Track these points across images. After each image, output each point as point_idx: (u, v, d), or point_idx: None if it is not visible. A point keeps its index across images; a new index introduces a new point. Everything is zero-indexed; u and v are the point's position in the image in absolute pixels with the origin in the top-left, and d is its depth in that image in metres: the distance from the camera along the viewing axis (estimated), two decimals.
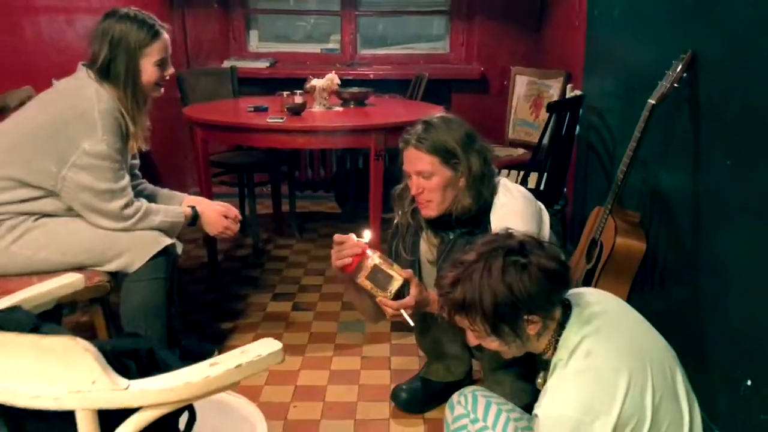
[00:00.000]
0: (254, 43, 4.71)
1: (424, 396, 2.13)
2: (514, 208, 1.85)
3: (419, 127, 1.88)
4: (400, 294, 1.71)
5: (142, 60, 1.93)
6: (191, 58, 4.39)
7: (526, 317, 1.31)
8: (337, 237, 1.75)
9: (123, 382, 1.04)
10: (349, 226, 3.88)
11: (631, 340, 1.34)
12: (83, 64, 1.96)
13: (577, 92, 3.25)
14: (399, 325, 2.56)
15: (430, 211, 1.85)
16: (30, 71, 2.61)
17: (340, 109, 3.21)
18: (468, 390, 1.66)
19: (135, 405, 1.05)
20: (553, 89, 3.72)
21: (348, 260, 1.69)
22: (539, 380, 1.42)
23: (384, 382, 2.28)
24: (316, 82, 3.19)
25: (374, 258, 1.71)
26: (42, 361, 1.03)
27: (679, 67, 2.08)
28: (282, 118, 2.82)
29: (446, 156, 1.82)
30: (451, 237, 1.91)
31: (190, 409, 1.17)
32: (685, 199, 2.16)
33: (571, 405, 1.23)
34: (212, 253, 3.13)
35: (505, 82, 4.24)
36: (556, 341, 1.33)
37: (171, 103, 3.45)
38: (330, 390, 2.25)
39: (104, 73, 1.91)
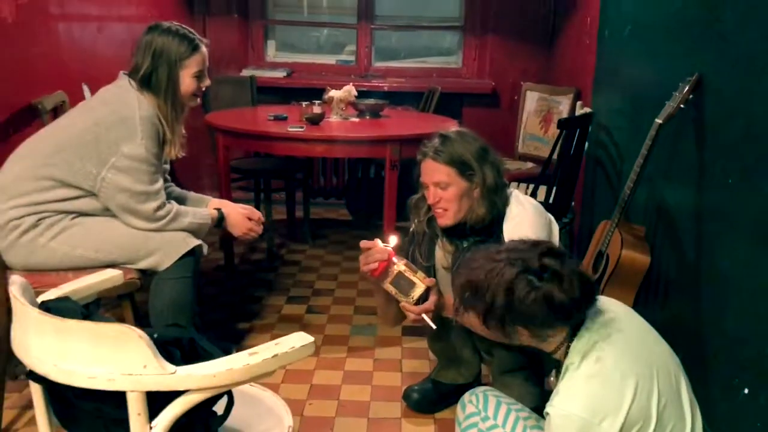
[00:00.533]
0: (271, 52, 4.83)
1: (434, 397, 2.23)
2: (525, 219, 1.95)
3: (436, 140, 1.98)
4: (421, 300, 1.81)
5: (181, 72, 2.05)
6: (211, 67, 4.47)
7: (516, 327, 1.40)
8: (363, 243, 1.84)
9: (171, 367, 1.15)
10: (360, 233, 4.02)
11: (639, 346, 1.43)
12: (124, 73, 2.08)
13: (587, 109, 3.36)
14: (410, 330, 2.68)
15: (446, 219, 1.95)
16: (63, 77, 2.73)
17: (357, 119, 3.31)
18: (479, 390, 1.75)
19: (181, 388, 1.15)
20: (563, 105, 3.82)
21: (374, 265, 1.78)
22: (551, 378, 1.50)
23: (396, 384, 2.38)
24: (334, 93, 3.30)
25: (399, 265, 1.80)
26: (98, 346, 1.13)
27: (686, 88, 2.18)
28: (302, 128, 2.93)
29: (462, 167, 1.92)
30: (465, 245, 2.01)
31: (229, 394, 1.27)
32: (689, 215, 2.26)
33: (580, 406, 1.32)
34: (229, 256, 3.24)
35: (516, 98, 4.35)
36: (568, 345, 1.42)
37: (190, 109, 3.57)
38: (344, 389, 2.34)
39: (146, 82, 2.03)
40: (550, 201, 2.94)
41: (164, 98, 2.03)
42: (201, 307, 2.71)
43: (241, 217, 2.26)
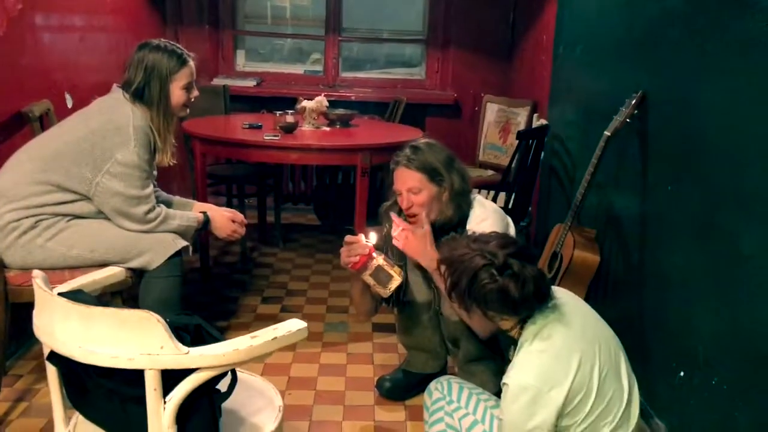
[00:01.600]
0: (241, 62, 4.98)
1: (405, 385, 2.41)
2: (487, 221, 2.15)
3: (408, 150, 2.17)
4: (397, 291, 2.02)
5: (172, 85, 2.20)
6: None
7: (473, 305, 1.61)
8: (348, 238, 2.04)
9: (184, 348, 1.31)
10: (328, 237, 4.20)
11: (584, 328, 1.64)
12: (118, 86, 2.22)
13: (543, 121, 3.60)
14: (381, 326, 2.88)
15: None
16: (47, 86, 2.84)
17: (328, 129, 3.49)
18: (444, 378, 1.94)
19: (194, 366, 1.31)
20: (521, 117, 4.07)
21: (356, 259, 1.97)
22: (511, 353, 1.70)
23: (368, 375, 2.56)
24: (306, 104, 3.47)
25: (379, 259, 2.00)
26: (120, 330, 1.29)
27: (631, 104, 2.42)
28: (277, 136, 3.09)
29: (432, 174, 2.12)
30: None
31: (233, 373, 1.44)
32: (634, 219, 2.50)
33: (533, 376, 1.53)
34: (204, 259, 3.37)
35: (477, 109, 4.58)
36: (522, 326, 1.62)
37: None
38: (320, 381, 2.51)
39: (138, 95, 2.17)
40: (509, 206, 3.16)
41: (156, 110, 2.18)
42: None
43: (226, 219, 2.42)
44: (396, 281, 2.00)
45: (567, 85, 3.43)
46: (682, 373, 2.09)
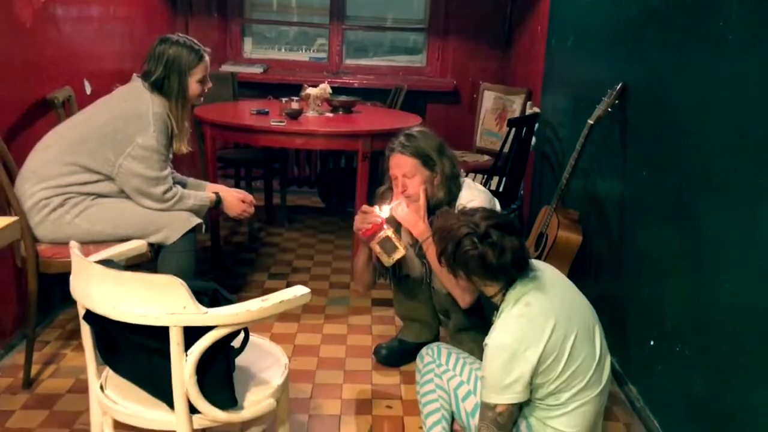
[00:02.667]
0: (248, 48, 5.16)
1: (400, 353, 2.62)
2: (474, 201, 2.33)
3: (402, 138, 2.36)
4: (399, 264, 2.28)
5: (189, 78, 2.39)
6: None
7: (458, 270, 1.81)
8: (364, 207, 2.29)
9: (203, 308, 1.51)
10: (331, 218, 4.40)
11: (561, 297, 1.84)
12: (138, 76, 2.42)
13: (536, 109, 3.78)
14: (379, 300, 3.09)
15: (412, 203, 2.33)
16: (68, 73, 3.03)
17: (331, 115, 3.68)
18: (435, 344, 2.14)
19: (212, 324, 1.52)
20: (516, 104, 4.25)
21: (368, 226, 2.19)
22: (494, 318, 1.90)
23: (366, 344, 2.77)
24: (311, 91, 3.66)
25: (388, 231, 2.22)
26: (148, 292, 1.49)
27: (613, 94, 2.60)
28: (283, 122, 3.29)
29: (425, 159, 2.31)
30: None
31: (246, 331, 1.65)
32: (614, 202, 2.69)
33: (511, 337, 1.73)
34: (215, 239, 3.57)
35: (475, 96, 4.76)
36: (504, 293, 1.82)
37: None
38: (322, 348, 2.72)
39: (157, 86, 2.37)
40: (501, 189, 3.36)
41: (175, 101, 2.38)
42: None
43: (236, 200, 2.62)
44: (400, 253, 2.21)
45: (558, 75, 3.61)
46: (652, 342, 2.29)
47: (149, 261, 2.39)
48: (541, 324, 1.76)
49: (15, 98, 2.60)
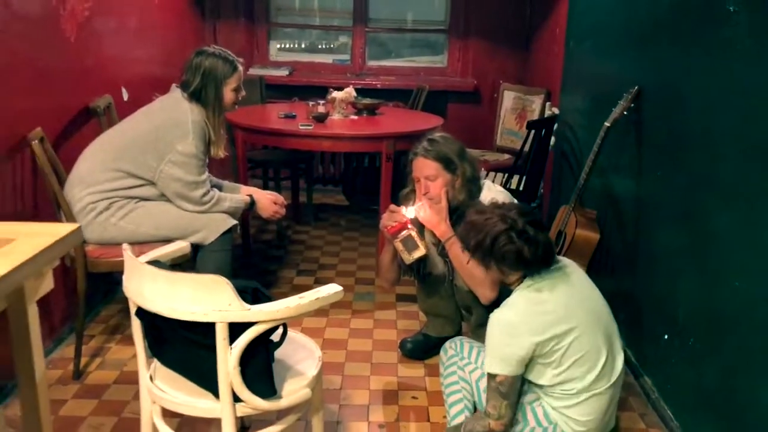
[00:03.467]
0: (274, 52, 5.31)
1: (424, 346, 2.75)
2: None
3: (425, 143, 2.48)
4: (419, 262, 2.40)
5: (224, 88, 2.54)
6: None
7: (491, 263, 1.93)
8: (392, 207, 2.44)
9: (246, 305, 1.65)
10: (355, 216, 4.53)
11: (574, 291, 1.95)
12: (177, 86, 2.57)
13: (555, 110, 3.88)
14: (404, 296, 3.21)
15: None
16: (107, 82, 3.19)
17: (356, 117, 3.81)
18: (458, 338, 2.27)
19: (254, 320, 1.66)
20: (536, 104, 4.35)
21: (393, 224, 2.33)
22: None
23: (392, 338, 2.90)
24: (336, 94, 3.79)
25: (412, 231, 2.35)
26: (197, 290, 1.64)
27: (628, 98, 2.70)
28: (310, 125, 3.42)
29: (447, 163, 2.43)
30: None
31: (284, 326, 1.79)
32: (630, 201, 2.79)
33: (514, 315, 1.87)
34: (245, 237, 3.73)
35: (495, 95, 4.86)
36: (523, 279, 1.95)
37: None
38: (350, 342, 2.86)
39: (196, 96, 2.52)
40: (521, 188, 3.47)
41: (212, 109, 2.53)
42: None
43: (269, 201, 2.77)
44: (420, 251, 2.34)
45: (576, 77, 3.71)
46: (666, 336, 2.40)
47: (188, 260, 2.54)
48: (546, 311, 1.89)
49: (61, 107, 2.77)
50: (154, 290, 1.68)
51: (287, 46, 5.42)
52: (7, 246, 1.37)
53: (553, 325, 1.86)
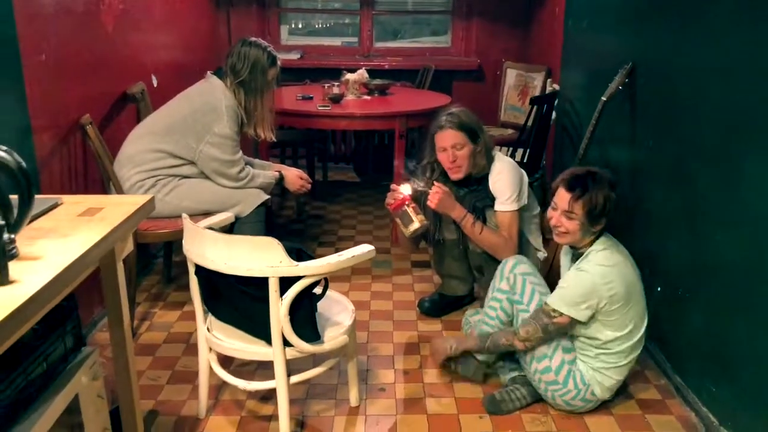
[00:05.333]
0: (284, 36, 5.53)
1: (440, 305, 3.03)
2: (504, 174, 2.72)
3: (447, 116, 2.73)
4: (417, 233, 2.65)
5: (267, 77, 2.80)
6: None
7: (599, 220, 2.22)
8: (393, 185, 2.68)
9: (294, 262, 1.92)
10: (368, 192, 4.79)
11: (629, 260, 2.28)
12: (211, 73, 2.83)
13: (555, 86, 4.12)
14: (419, 263, 3.48)
15: (460, 173, 2.72)
16: (140, 70, 3.44)
17: (368, 97, 4.06)
18: (518, 274, 2.39)
19: (301, 274, 1.93)
20: (537, 81, 4.59)
21: (392, 201, 2.59)
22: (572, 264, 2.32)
23: (410, 299, 3.18)
24: (349, 76, 4.04)
25: (408, 207, 2.60)
26: (253, 250, 1.91)
27: (623, 73, 2.95)
28: (328, 106, 3.68)
29: (470, 133, 2.69)
30: (461, 193, 2.79)
31: (326, 281, 2.06)
32: (626, 169, 3.05)
33: (599, 270, 2.17)
34: (268, 212, 3.97)
35: (498, 73, 5.09)
36: (594, 241, 2.24)
37: None
38: (372, 303, 3.14)
39: (242, 84, 2.77)
40: (525, 160, 3.72)
41: (253, 96, 2.79)
42: None
43: (296, 177, 3.04)
44: (414, 225, 2.59)
45: (575, 54, 3.95)
46: (659, 289, 2.67)
47: (227, 231, 2.81)
48: (622, 271, 2.21)
49: (103, 94, 3.02)
50: (215, 251, 1.95)
51: (300, 26, 5.66)
52: (99, 213, 1.64)
53: (626, 280, 2.17)
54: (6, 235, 1.24)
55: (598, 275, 2.17)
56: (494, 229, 2.70)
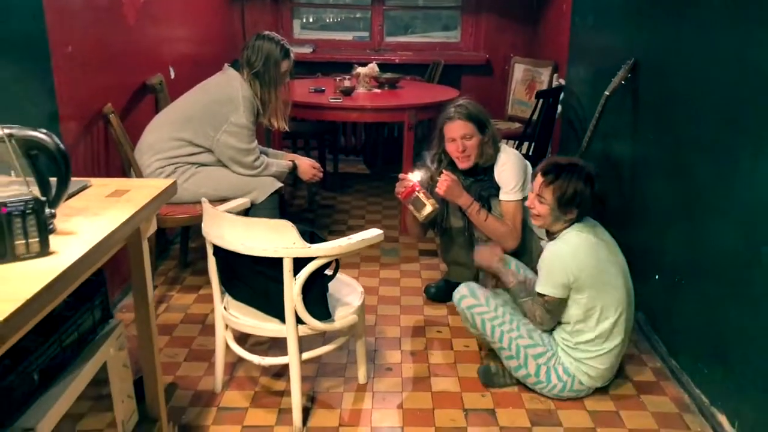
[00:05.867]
0: (297, 30, 5.65)
1: (446, 290, 3.13)
2: (509, 165, 2.83)
3: (456, 108, 2.83)
4: (431, 218, 2.75)
5: (280, 69, 2.92)
6: None
7: (569, 209, 2.30)
8: (401, 175, 2.78)
9: (307, 244, 2.04)
10: (377, 183, 4.90)
11: (608, 245, 2.37)
12: (229, 65, 2.94)
13: (561, 81, 4.22)
14: (425, 251, 3.59)
15: (468, 163, 2.82)
16: (158, 62, 3.57)
17: (378, 90, 4.17)
18: (466, 291, 2.54)
19: (313, 255, 2.05)
20: (544, 76, 4.68)
21: (402, 189, 2.69)
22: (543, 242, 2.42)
23: (417, 285, 3.29)
24: (360, 70, 4.15)
25: (419, 194, 2.71)
26: (268, 232, 2.02)
27: (626, 69, 3.04)
28: (340, 99, 3.79)
29: (479, 123, 2.80)
30: (468, 183, 2.90)
31: (337, 262, 2.18)
32: (627, 161, 3.15)
33: (567, 249, 2.28)
34: (281, 202, 4.10)
35: (506, 68, 5.19)
36: (567, 227, 2.33)
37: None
38: (381, 289, 3.26)
39: (256, 75, 2.90)
40: (530, 154, 3.83)
41: (267, 88, 2.91)
42: None
43: (308, 166, 3.16)
44: (427, 209, 2.70)
45: (581, 50, 4.04)
46: (656, 277, 2.77)
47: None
48: (593, 254, 2.30)
49: (124, 84, 3.15)
50: (233, 233, 2.07)
51: (311, 20, 5.77)
52: (126, 195, 1.76)
53: (593, 267, 2.27)
54: (48, 210, 1.36)
55: (569, 253, 2.28)
56: (499, 217, 2.81)
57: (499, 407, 2.34)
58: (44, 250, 1.34)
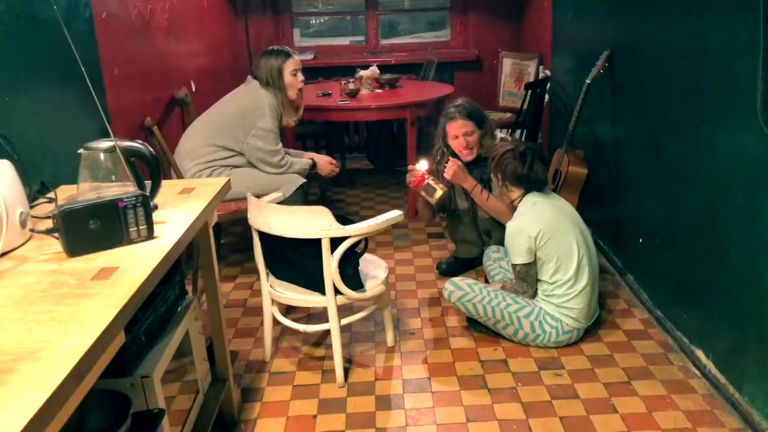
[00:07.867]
0: (296, 38, 6.01)
1: (455, 266, 3.53)
2: None
3: (456, 108, 3.22)
4: (441, 201, 3.12)
5: (284, 73, 3.29)
6: (252, 53, 5.71)
7: (498, 175, 2.73)
8: (410, 167, 3.14)
9: (341, 226, 2.42)
10: (382, 177, 5.27)
11: (560, 207, 2.74)
12: (253, 77, 3.32)
13: (547, 72, 4.60)
14: (435, 234, 3.97)
15: (471, 156, 3.21)
16: (181, 76, 3.93)
17: (380, 91, 4.54)
18: (456, 285, 2.94)
19: (347, 235, 2.42)
20: (531, 68, 5.06)
21: (413, 179, 3.08)
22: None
23: (429, 264, 3.67)
24: (363, 73, 4.52)
25: (429, 180, 3.10)
26: (308, 217, 2.40)
27: (603, 59, 3.43)
28: (346, 101, 4.17)
29: (478, 120, 3.19)
30: (470, 169, 3.27)
31: (366, 241, 2.56)
32: (608, 142, 3.54)
33: (521, 221, 2.67)
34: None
35: (495, 62, 5.57)
36: (523, 197, 2.73)
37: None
38: (397, 269, 3.64)
39: (267, 84, 3.27)
40: (523, 140, 4.21)
41: (278, 92, 3.29)
42: None
43: (326, 162, 3.54)
44: (439, 192, 3.10)
45: (563, 43, 4.42)
46: (640, 240, 3.16)
47: None
48: (540, 215, 2.69)
49: (157, 99, 3.52)
50: (278, 220, 2.44)
51: (308, 27, 6.13)
52: (194, 191, 2.13)
53: (544, 223, 2.65)
54: (152, 202, 1.74)
55: (523, 223, 2.69)
56: (498, 197, 3.19)
57: (510, 357, 2.73)
58: (151, 235, 1.71)
